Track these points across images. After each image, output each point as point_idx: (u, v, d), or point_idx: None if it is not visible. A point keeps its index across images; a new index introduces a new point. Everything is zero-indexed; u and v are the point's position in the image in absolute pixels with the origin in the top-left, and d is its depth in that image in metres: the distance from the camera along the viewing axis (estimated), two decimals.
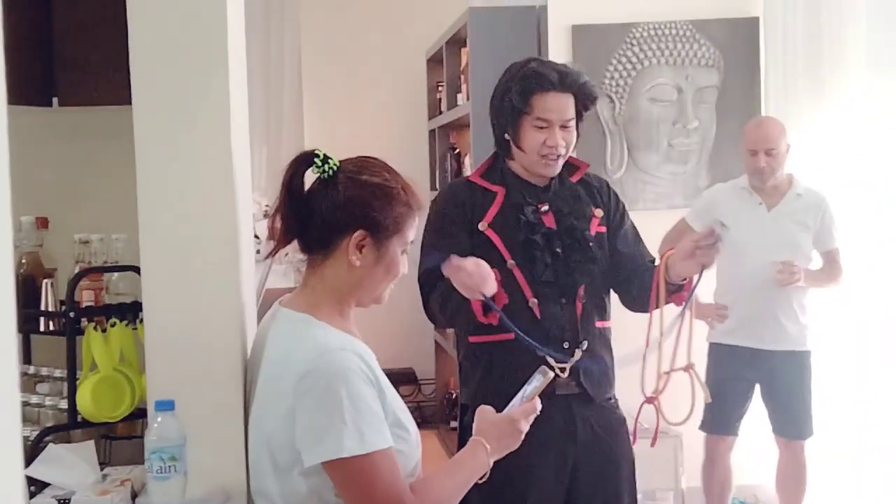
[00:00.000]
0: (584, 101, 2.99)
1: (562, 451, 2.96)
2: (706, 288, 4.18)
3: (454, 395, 6.41)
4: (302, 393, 1.94)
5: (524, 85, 2.94)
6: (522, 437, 2.18)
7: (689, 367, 2.93)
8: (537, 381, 2.24)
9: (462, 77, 5.83)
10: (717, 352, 4.41)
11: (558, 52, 4.99)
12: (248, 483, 2.12)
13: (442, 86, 6.34)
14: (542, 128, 2.94)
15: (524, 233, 2.94)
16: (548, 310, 2.93)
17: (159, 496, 2.03)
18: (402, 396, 7.55)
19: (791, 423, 4.43)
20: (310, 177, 2.12)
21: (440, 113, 6.44)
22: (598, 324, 3.00)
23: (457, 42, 5.93)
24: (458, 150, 6.30)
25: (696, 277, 2.88)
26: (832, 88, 4.92)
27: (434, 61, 6.63)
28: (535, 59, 3.06)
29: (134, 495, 2.20)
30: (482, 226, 2.94)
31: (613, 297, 3.13)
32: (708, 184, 5.05)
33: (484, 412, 2.21)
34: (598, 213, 3.05)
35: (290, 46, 6.72)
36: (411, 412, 1.92)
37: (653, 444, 3.05)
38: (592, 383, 2.97)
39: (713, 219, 4.17)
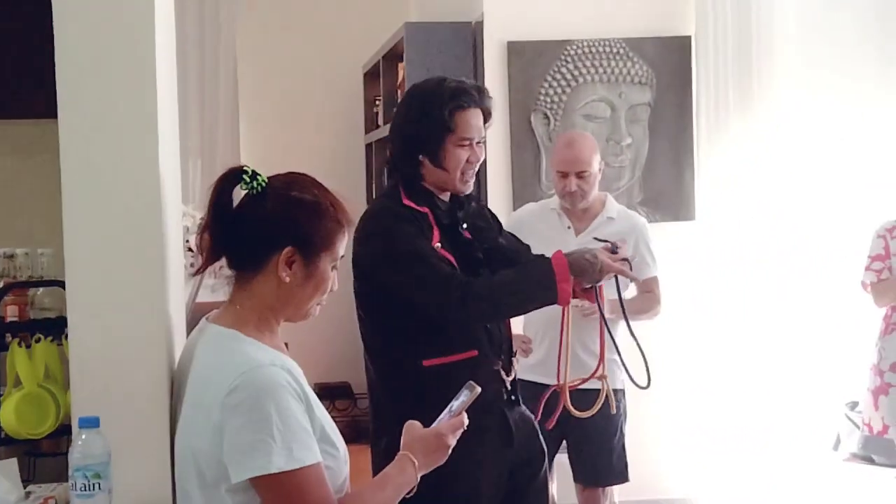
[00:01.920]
0: (488, 116, 3.04)
1: (502, 458, 3.04)
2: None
3: None
4: (230, 408, 1.93)
5: (445, 102, 2.94)
6: (450, 451, 2.19)
7: (602, 377, 3.28)
8: (465, 396, 2.24)
9: (399, 91, 5.84)
10: (523, 389, 3.82)
11: (494, 67, 5.03)
12: (174, 500, 2.10)
13: (379, 100, 6.35)
14: (464, 145, 2.96)
15: (468, 250, 3.00)
16: (494, 324, 3.02)
17: None
18: (338, 410, 7.45)
19: (594, 468, 4.07)
20: (239, 193, 2.11)
21: (377, 127, 6.44)
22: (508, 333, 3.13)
23: (393, 56, 5.94)
24: None
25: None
26: (762, 106, 5.01)
27: (371, 75, 6.64)
28: (444, 77, 3.05)
29: None
30: (437, 246, 2.92)
31: None
32: (641, 200, 5.11)
33: (412, 427, 2.22)
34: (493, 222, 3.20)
35: (226, 59, 6.69)
36: (347, 426, 1.93)
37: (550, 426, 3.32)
38: (522, 390, 3.14)
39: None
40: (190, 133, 6.53)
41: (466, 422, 2.21)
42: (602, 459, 4.07)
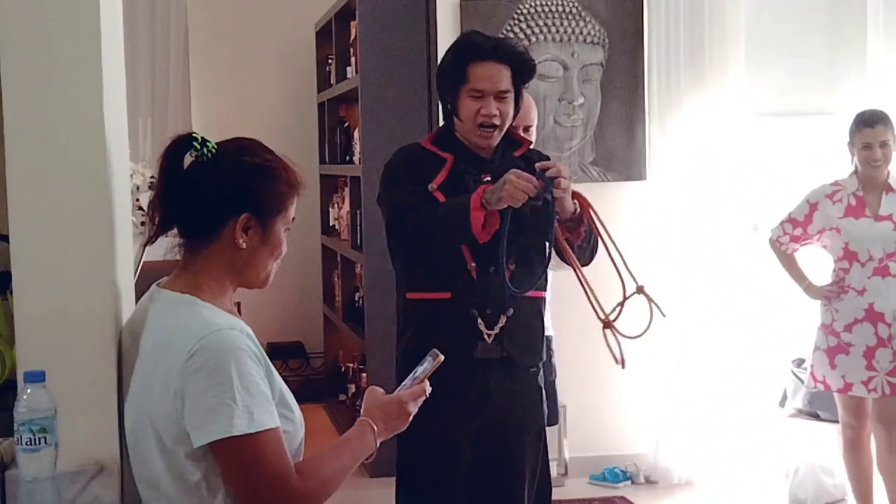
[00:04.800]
0: (522, 73, 3.08)
1: (474, 413, 3.05)
2: None
3: (343, 369, 6.41)
4: (191, 372, 1.91)
5: (459, 54, 3.06)
6: (410, 418, 2.19)
7: (640, 290, 3.10)
8: (427, 364, 2.24)
9: (351, 50, 5.81)
10: None
11: (446, 26, 5.01)
12: (122, 456, 2.10)
13: (331, 58, 6.31)
14: (476, 97, 3.02)
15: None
16: (481, 275, 3.03)
17: (29, 468, 1.99)
18: (291, 370, 7.42)
19: None
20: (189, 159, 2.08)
21: (330, 86, 6.41)
22: (529, 293, 3.05)
23: (346, 15, 5.90)
24: (347, 124, 6.28)
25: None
26: (713, 67, 5.03)
27: (323, 33, 6.59)
28: (475, 31, 3.20)
29: (4, 467, 2.16)
30: (431, 187, 3.03)
31: None
32: (593, 160, 5.13)
33: (374, 392, 2.21)
34: None
35: (177, 18, 6.61)
36: (300, 385, 1.92)
37: (623, 366, 3.16)
38: (516, 349, 3.06)
39: None
40: (140, 92, 6.47)
41: (429, 389, 2.21)
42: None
